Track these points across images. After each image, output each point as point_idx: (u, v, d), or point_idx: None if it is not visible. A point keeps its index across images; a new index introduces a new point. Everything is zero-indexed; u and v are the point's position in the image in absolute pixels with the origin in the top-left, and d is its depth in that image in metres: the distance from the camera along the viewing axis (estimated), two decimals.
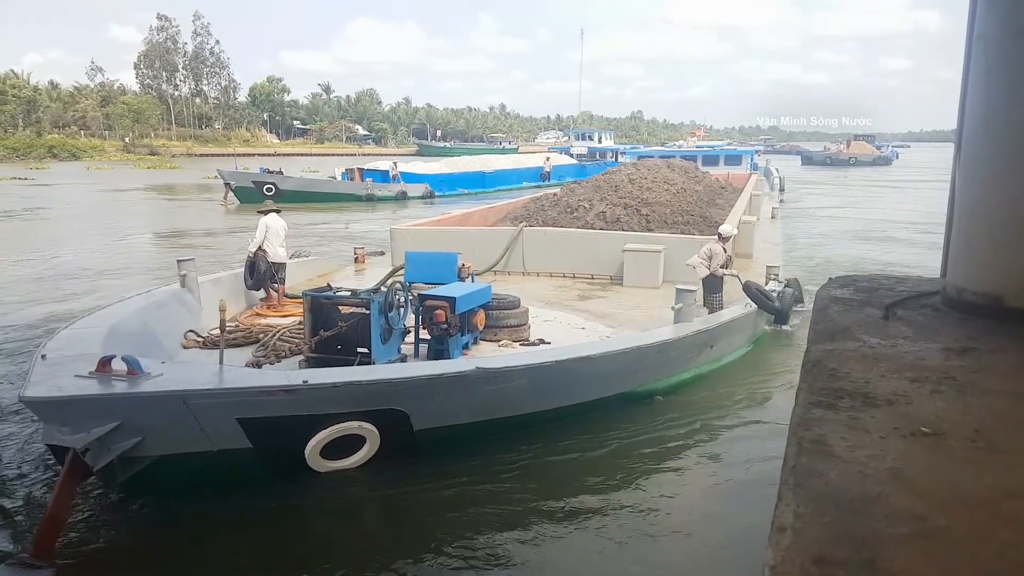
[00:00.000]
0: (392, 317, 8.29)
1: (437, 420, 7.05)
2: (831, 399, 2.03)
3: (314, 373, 6.73)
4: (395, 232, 15.64)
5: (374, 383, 6.60)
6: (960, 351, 2.44)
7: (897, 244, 25.09)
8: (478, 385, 7.10)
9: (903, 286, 3.52)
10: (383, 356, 8.16)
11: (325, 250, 20.20)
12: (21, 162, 70.27)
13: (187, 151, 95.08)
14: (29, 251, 21.32)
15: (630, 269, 13.69)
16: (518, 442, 7.68)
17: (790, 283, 12.95)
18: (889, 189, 52.93)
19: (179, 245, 23.49)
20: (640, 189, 18.27)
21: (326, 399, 6.39)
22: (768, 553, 1.36)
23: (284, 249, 11.88)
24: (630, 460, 7.70)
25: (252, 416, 6.19)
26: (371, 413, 6.66)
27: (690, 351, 9.52)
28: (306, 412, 6.36)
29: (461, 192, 43.87)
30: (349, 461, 6.85)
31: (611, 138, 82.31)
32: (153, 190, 46.81)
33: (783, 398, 9.21)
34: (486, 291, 9.52)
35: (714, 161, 38.03)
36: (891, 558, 1.27)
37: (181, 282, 10.70)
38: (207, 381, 6.11)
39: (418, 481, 7.00)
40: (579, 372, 7.90)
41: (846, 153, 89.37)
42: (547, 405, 7.90)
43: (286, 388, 6.17)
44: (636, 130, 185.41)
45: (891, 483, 1.54)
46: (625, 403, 8.73)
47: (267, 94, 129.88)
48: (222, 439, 6.21)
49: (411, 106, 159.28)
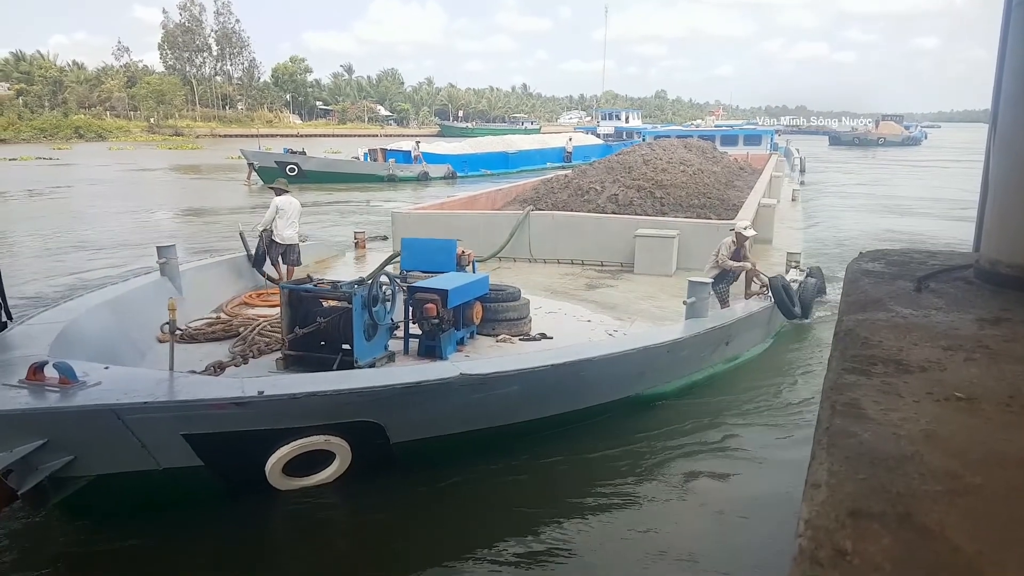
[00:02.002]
0: (377, 312, 7.64)
1: (417, 432, 6.38)
2: (864, 365, 2.03)
3: (274, 382, 5.93)
4: (396, 216, 14.91)
5: (342, 394, 5.81)
6: (993, 321, 2.43)
7: (926, 219, 24.84)
8: (463, 393, 6.37)
9: (935, 260, 3.50)
10: (367, 354, 7.55)
11: (339, 230, 20.14)
12: (48, 142, 71.08)
13: (211, 132, 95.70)
14: (48, 228, 21.67)
15: (642, 256, 12.98)
16: (510, 454, 7.01)
17: (812, 272, 12.16)
18: (919, 169, 52.14)
19: (200, 223, 23.78)
20: (655, 170, 17.46)
21: (286, 412, 5.70)
22: (802, 508, 1.38)
23: (295, 230, 11.61)
24: (633, 473, 7.01)
25: (199, 432, 5.52)
26: (340, 426, 5.97)
27: (703, 350, 8.77)
28: (263, 426, 5.67)
29: (484, 172, 43.73)
30: (317, 478, 6.15)
31: (638, 118, 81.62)
32: (177, 170, 47.25)
33: (806, 400, 8.59)
34: (483, 282, 8.88)
35: (733, 141, 36.70)
36: (926, 512, 1.28)
37: (161, 270, 9.94)
38: (147, 392, 5.35)
39: (396, 499, 6.37)
40: (578, 376, 7.18)
41: (874, 133, 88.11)
42: (542, 413, 7.20)
43: (237, 401, 5.45)
44: (660, 110, 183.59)
45: (925, 443, 1.55)
46: (631, 408, 8.01)
47: (290, 74, 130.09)
48: (167, 456, 5.56)
49: (433, 86, 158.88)
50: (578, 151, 50.99)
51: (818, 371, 9.01)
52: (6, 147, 64.44)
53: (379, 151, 42.00)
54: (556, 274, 13.00)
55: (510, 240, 13.94)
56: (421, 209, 15.76)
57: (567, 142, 53.06)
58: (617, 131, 65.91)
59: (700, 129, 46.64)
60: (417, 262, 10.40)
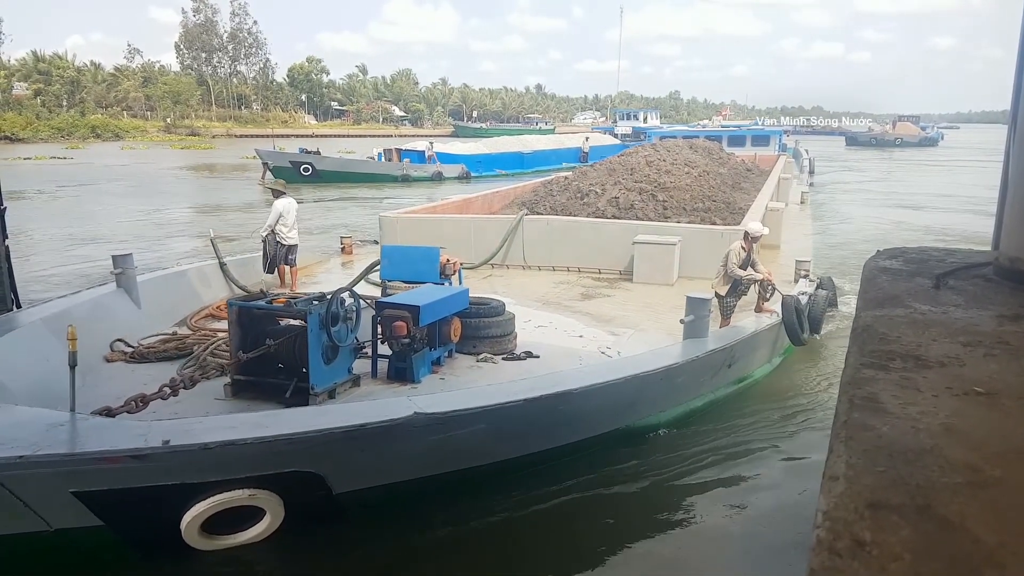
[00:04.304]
0: (338, 332, 6.82)
1: (366, 480, 5.62)
2: (882, 360, 2.02)
3: (186, 429, 4.96)
4: (384, 220, 14.10)
5: (266, 442, 4.88)
6: (1013, 318, 2.42)
7: (940, 214, 24.76)
8: (418, 435, 5.49)
9: (953, 257, 3.48)
10: (326, 380, 6.75)
11: (351, 223, 20.18)
12: (66, 142, 71.78)
13: (227, 132, 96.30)
14: (59, 225, 21.91)
15: (641, 264, 12.23)
16: (477, 499, 6.22)
17: (823, 283, 11.44)
18: (937, 168, 51.83)
19: (215, 220, 23.94)
20: (658, 172, 16.84)
21: (198, 465, 4.85)
22: (820, 500, 1.37)
23: (296, 231, 11.46)
24: (622, 517, 6.32)
25: (92, 489, 4.72)
26: (268, 478, 5.13)
27: (703, 374, 7.98)
28: (171, 481, 4.84)
29: (499, 173, 43.72)
30: (244, 537, 5.31)
31: (657, 117, 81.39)
32: (192, 169, 47.60)
33: (818, 427, 7.86)
34: (462, 295, 8.16)
35: (741, 141, 36.04)
36: (946, 504, 1.28)
37: (117, 281, 9.17)
38: (29, 443, 4.47)
39: (341, 557, 5.57)
40: (557, 411, 6.28)
41: (891, 134, 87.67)
42: (516, 452, 6.41)
43: (135, 453, 4.59)
44: (675, 109, 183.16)
45: (944, 437, 1.54)
46: (620, 441, 7.27)
47: (306, 74, 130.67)
48: (58, 516, 4.82)
49: (447, 86, 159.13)
50: (595, 151, 50.62)
51: (831, 392, 8.46)
52: (24, 146, 65.19)
53: (394, 151, 42.17)
54: (550, 282, 12.39)
55: (502, 246, 13.34)
56: (410, 213, 15.11)
57: (583, 142, 52.94)
58: (635, 131, 65.81)
59: (707, 129, 46.13)
60: (398, 271, 9.85)
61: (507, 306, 8.77)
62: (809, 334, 9.28)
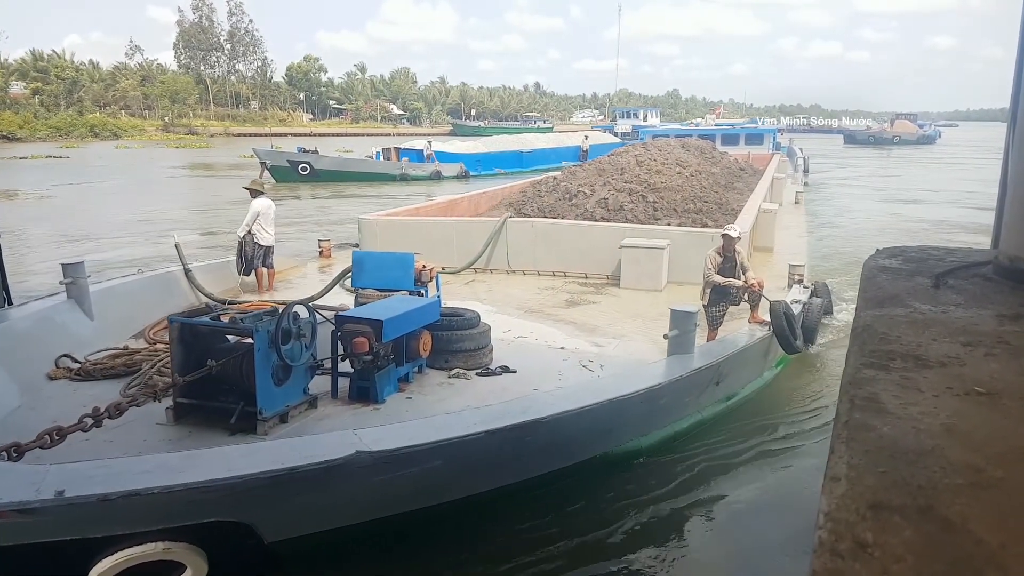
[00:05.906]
0: (290, 350, 6.23)
1: (303, 526, 4.98)
2: (882, 360, 2.02)
3: (88, 475, 4.24)
4: (363, 223, 13.56)
5: (176, 492, 4.22)
6: (1014, 317, 2.41)
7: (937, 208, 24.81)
8: (362, 475, 4.86)
9: (953, 256, 3.48)
10: (277, 403, 6.18)
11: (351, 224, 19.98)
12: (64, 141, 71.70)
13: (224, 131, 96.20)
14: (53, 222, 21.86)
15: (628, 269, 11.78)
16: (435, 537, 5.64)
17: (817, 289, 10.99)
18: (935, 165, 52.03)
19: (215, 219, 23.92)
20: (648, 172, 16.41)
21: (101, 517, 4.18)
22: (822, 501, 1.37)
23: (271, 232, 11.21)
24: (600, 551, 5.81)
25: None
26: (187, 529, 4.47)
27: (688, 394, 7.44)
28: (70, 536, 4.19)
29: (497, 172, 43.60)
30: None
31: (657, 116, 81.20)
32: (189, 167, 47.52)
33: (813, 449, 7.39)
34: (432, 307, 7.58)
35: (734, 140, 35.67)
36: (948, 505, 1.28)
37: (67, 291, 8.59)
38: None
39: None
40: (523, 441, 5.65)
41: (889, 132, 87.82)
42: (478, 488, 5.79)
43: (22, 508, 3.94)
44: (674, 108, 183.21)
45: (946, 437, 1.54)
46: (597, 470, 6.71)
47: (304, 73, 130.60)
48: None
49: (446, 85, 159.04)
50: (595, 149, 50.12)
51: (827, 408, 8.12)
52: (22, 145, 65.16)
53: (392, 150, 42.18)
54: (534, 288, 11.92)
55: (485, 250, 12.89)
56: (391, 215, 14.59)
57: (583, 140, 52.73)
58: (635, 130, 65.72)
59: (700, 128, 45.82)
60: (370, 279, 9.40)
61: (487, 315, 8.34)
62: (801, 341, 8.82)
